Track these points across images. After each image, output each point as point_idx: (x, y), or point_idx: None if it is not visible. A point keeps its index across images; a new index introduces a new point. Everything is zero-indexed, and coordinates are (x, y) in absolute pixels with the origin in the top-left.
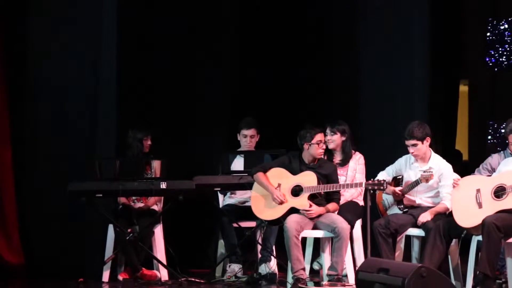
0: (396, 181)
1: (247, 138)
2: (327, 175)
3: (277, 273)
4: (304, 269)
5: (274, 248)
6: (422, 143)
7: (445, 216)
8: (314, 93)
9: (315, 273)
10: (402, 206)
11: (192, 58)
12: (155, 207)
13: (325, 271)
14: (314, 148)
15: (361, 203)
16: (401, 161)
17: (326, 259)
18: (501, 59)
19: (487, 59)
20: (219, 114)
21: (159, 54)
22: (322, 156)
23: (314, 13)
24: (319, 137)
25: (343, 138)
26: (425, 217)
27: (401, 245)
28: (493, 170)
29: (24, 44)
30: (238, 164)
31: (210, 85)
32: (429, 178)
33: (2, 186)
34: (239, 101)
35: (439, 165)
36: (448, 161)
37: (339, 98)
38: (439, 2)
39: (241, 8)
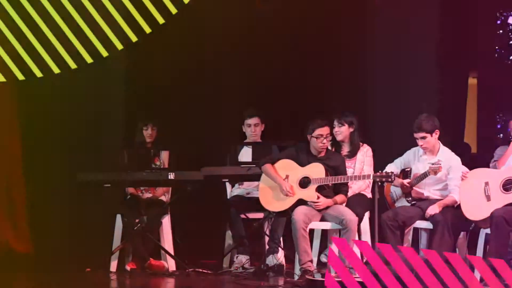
0: (405, 173)
1: (252, 127)
2: (335, 167)
3: (285, 265)
4: (311, 261)
5: (281, 239)
6: (431, 135)
7: (454, 209)
8: (324, 84)
9: (322, 265)
10: (410, 198)
11: (200, 53)
12: (163, 198)
13: None
14: (314, 142)
15: (369, 195)
16: (409, 154)
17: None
18: (510, 52)
19: (496, 52)
20: (228, 105)
21: (168, 46)
22: (330, 148)
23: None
24: (319, 131)
25: (351, 130)
26: (433, 209)
27: (409, 237)
28: None
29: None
30: (245, 154)
31: (218, 76)
32: (438, 171)
33: (11, 176)
34: (248, 92)
35: (448, 158)
36: (456, 154)
37: (348, 87)
38: None
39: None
